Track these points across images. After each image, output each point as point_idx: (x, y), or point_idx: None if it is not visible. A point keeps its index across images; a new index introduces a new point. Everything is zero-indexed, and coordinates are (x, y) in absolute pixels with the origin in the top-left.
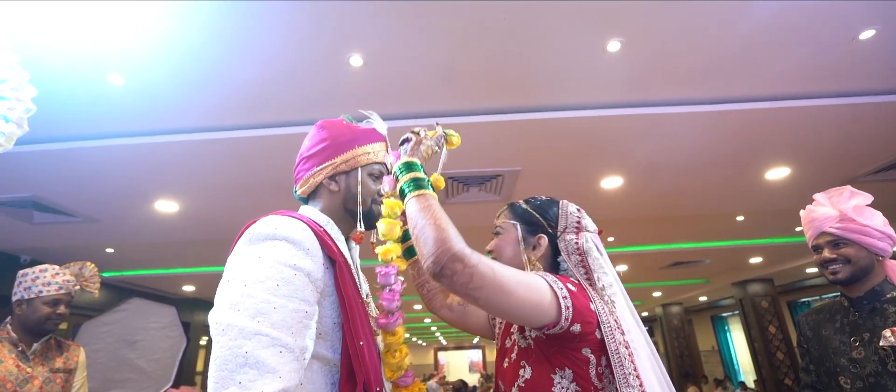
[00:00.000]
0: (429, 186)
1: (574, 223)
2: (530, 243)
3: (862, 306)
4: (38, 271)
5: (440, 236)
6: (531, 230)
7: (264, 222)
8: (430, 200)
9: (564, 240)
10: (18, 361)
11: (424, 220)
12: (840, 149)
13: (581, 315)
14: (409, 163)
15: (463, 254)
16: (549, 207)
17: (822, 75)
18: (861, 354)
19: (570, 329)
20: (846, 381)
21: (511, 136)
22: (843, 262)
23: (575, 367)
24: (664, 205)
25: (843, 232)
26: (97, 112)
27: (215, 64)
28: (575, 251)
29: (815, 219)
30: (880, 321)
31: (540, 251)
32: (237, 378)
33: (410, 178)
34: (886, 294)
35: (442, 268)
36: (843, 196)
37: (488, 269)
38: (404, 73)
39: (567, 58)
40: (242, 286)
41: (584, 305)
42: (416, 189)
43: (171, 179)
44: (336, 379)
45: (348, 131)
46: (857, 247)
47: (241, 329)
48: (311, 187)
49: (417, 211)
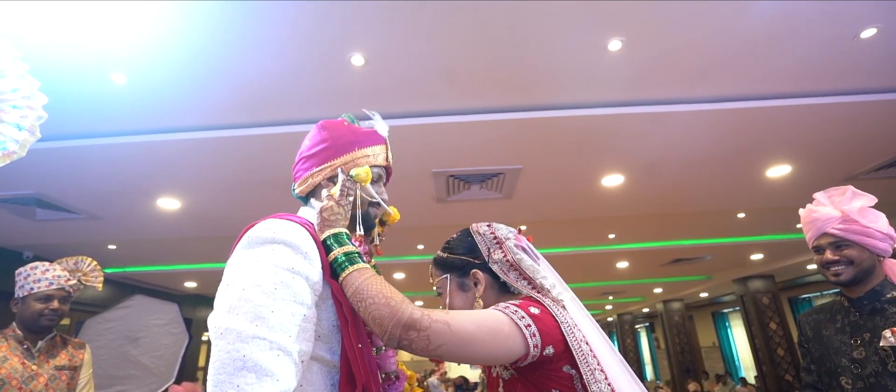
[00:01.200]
0: (360, 259)
1: (492, 241)
2: (469, 285)
3: (862, 306)
4: (29, 269)
5: (385, 312)
6: (462, 272)
7: (263, 226)
8: (364, 276)
9: (494, 261)
10: (24, 359)
11: (365, 302)
12: (841, 147)
13: (550, 336)
14: (335, 235)
15: (412, 321)
16: (463, 241)
17: (824, 73)
18: (862, 355)
19: (544, 354)
20: (847, 382)
21: (512, 135)
22: (846, 263)
23: (560, 387)
24: (665, 202)
25: (846, 233)
26: (99, 111)
27: (217, 63)
28: (509, 267)
29: (817, 219)
30: (881, 321)
31: (482, 286)
32: (235, 381)
33: (342, 253)
34: (886, 294)
35: (398, 341)
36: (845, 196)
37: (444, 326)
38: (406, 72)
39: (568, 57)
40: (241, 290)
41: (551, 326)
42: (349, 265)
43: (174, 177)
44: (335, 380)
45: (349, 133)
46: (859, 248)
47: (240, 333)
48: (309, 187)
49: (354, 293)
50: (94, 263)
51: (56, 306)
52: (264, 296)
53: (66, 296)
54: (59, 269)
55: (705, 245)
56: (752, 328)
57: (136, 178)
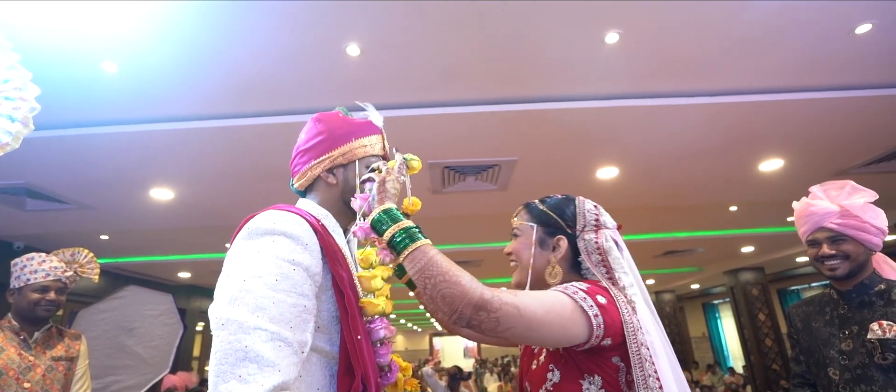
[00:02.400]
0: (421, 235)
1: (592, 221)
2: (549, 245)
3: (851, 299)
4: (25, 260)
5: (456, 291)
6: (550, 232)
7: (263, 217)
8: (431, 253)
9: (584, 239)
10: (20, 350)
11: (434, 279)
12: (834, 141)
13: (612, 329)
14: (388, 211)
15: (483, 301)
16: (566, 206)
17: (819, 69)
18: (849, 346)
19: (602, 344)
20: (835, 373)
21: (508, 127)
22: (842, 258)
23: (604, 375)
24: (659, 195)
25: (844, 228)
26: (90, 100)
27: (210, 52)
28: (595, 250)
29: (815, 213)
30: (868, 314)
31: (559, 253)
32: (237, 372)
33: (400, 230)
34: (874, 287)
35: (468, 321)
36: (844, 191)
37: (513, 309)
38: (402, 62)
39: (566, 49)
40: (242, 281)
41: (615, 319)
42: (410, 242)
43: (166, 167)
44: (334, 370)
45: (345, 124)
46: (856, 243)
47: (241, 324)
48: (308, 180)
49: (421, 269)
50: (91, 255)
51: (53, 297)
52: (265, 287)
53: (62, 287)
54: (56, 261)
55: (698, 237)
56: (741, 319)
57: (128, 168)
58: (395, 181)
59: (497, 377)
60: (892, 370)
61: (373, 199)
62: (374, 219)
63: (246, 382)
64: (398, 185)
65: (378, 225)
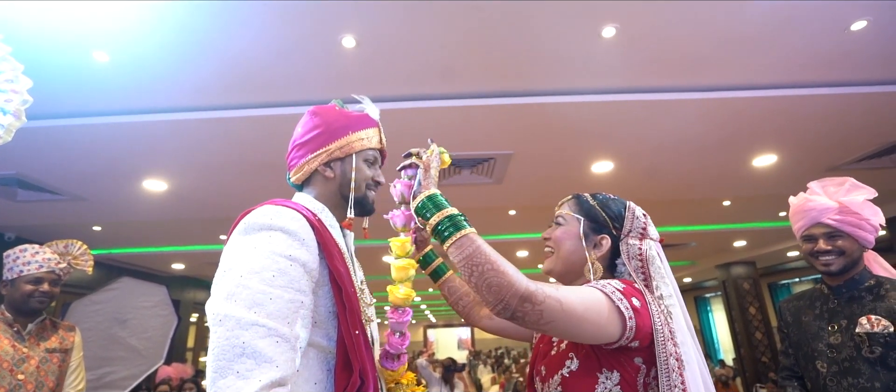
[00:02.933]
0: (466, 224)
1: (640, 228)
2: (592, 241)
3: (841, 294)
4: (18, 252)
5: (504, 281)
6: (595, 228)
7: (260, 212)
8: (477, 241)
9: (627, 244)
10: (14, 342)
11: (481, 267)
12: (827, 137)
13: (642, 332)
14: (432, 197)
15: (529, 293)
16: (616, 207)
17: (814, 65)
18: (838, 340)
19: (630, 345)
20: (823, 365)
21: (504, 120)
22: (837, 253)
23: (623, 372)
24: (654, 189)
25: (841, 224)
26: (81, 89)
27: (203, 42)
28: (636, 256)
29: (813, 208)
30: (857, 309)
31: (600, 251)
32: (235, 367)
33: (445, 217)
34: (864, 283)
35: (513, 312)
36: (842, 188)
37: (556, 304)
38: (397, 55)
39: (562, 42)
40: (238, 277)
41: (646, 323)
42: (456, 230)
43: (159, 159)
44: (332, 365)
45: (341, 117)
46: (851, 239)
47: (238, 320)
48: (305, 174)
49: (467, 257)
50: (85, 247)
51: (46, 289)
52: (262, 283)
53: (56, 279)
54: (50, 252)
55: (691, 232)
56: (732, 312)
57: (120, 159)
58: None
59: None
60: (879, 363)
61: (418, 186)
62: (419, 205)
63: (244, 378)
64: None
65: (423, 211)
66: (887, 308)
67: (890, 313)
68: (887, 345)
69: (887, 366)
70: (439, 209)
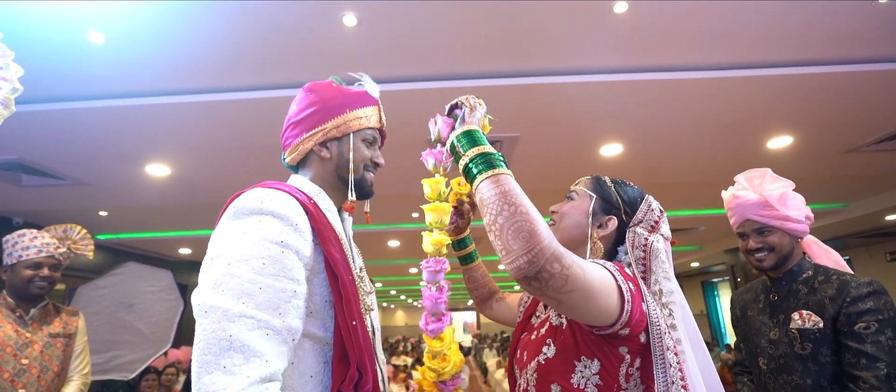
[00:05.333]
0: (503, 164)
1: (652, 221)
2: (599, 220)
3: (781, 287)
4: (17, 236)
5: (534, 230)
6: (605, 209)
7: (249, 195)
8: (510, 183)
9: (635, 232)
10: (17, 327)
11: (513, 209)
12: (845, 117)
13: (634, 319)
14: (470, 132)
15: (560, 253)
16: (631, 193)
17: (837, 41)
18: (776, 336)
19: (620, 332)
20: (764, 362)
21: (510, 102)
22: (768, 250)
23: (605, 361)
24: (664, 172)
25: (768, 219)
26: (78, 72)
27: (200, 22)
28: (641, 247)
29: (741, 205)
30: (794, 303)
31: (605, 231)
32: (222, 362)
33: (478, 154)
34: (803, 274)
35: (539, 269)
36: (765, 180)
37: (581, 272)
38: (400, 33)
39: (572, 19)
40: (226, 265)
41: (639, 308)
42: (488, 169)
43: (161, 143)
44: (328, 357)
45: (339, 95)
46: (780, 233)
47: (225, 311)
48: (300, 154)
49: (495, 197)
50: (84, 231)
51: (46, 274)
52: (251, 271)
53: (56, 263)
54: (48, 237)
55: (700, 216)
56: None
57: (121, 143)
58: (482, 118)
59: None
60: (811, 359)
61: (461, 121)
62: (455, 140)
63: (231, 373)
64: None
65: (457, 146)
66: (818, 302)
67: (820, 308)
68: (817, 341)
69: (818, 362)
70: (474, 145)
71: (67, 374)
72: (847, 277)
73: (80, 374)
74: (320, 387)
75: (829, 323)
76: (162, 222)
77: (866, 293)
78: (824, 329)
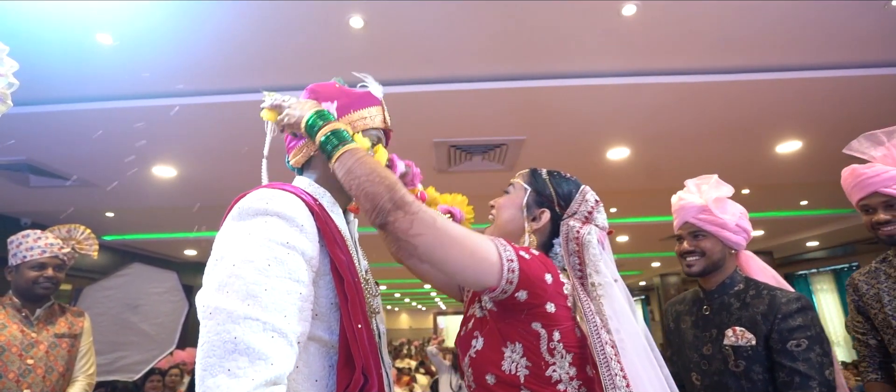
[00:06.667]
0: (350, 138)
1: (585, 212)
2: (532, 213)
3: (713, 300)
4: (21, 237)
5: (381, 188)
6: (539, 201)
7: (254, 196)
8: (360, 152)
9: (568, 225)
10: (23, 327)
11: (363, 176)
12: (855, 122)
13: (530, 282)
14: (321, 112)
15: (404, 201)
16: (566, 186)
17: (847, 44)
18: (709, 351)
19: (515, 295)
20: (697, 378)
21: (517, 104)
22: (699, 254)
23: (525, 342)
24: (671, 176)
25: (704, 223)
26: (86, 74)
27: (208, 24)
28: (574, 239)
29: (682, 207)
30: (726, 318)
31: (537, 225)
32: (226, 365)
33: (330, 131)
34: (734, 287)
35: (386, 216)
36: (710, 184)
37: (430, 219)
38: (407, 36)
39: (580, 21)
40: (231, 266)
41: (537, 275)
42: (341, 144)
43: (168, 144)
44: (334, 361)
45: (342, 95)
46: (714, 240)
47: (230, 313)
48: (305, 157)
49: (350, 169)
50: (88, 231)
51: (51, 274)
52: (257, 272)
53: (60, 264)
54: (52, 237)
55: None
56: None
57: (127, 144)
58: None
59: None
60: (744, 377)
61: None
62: (310, 118)
63: (235, 377)
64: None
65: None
66: (750, 318)
67: (753, 324)
68: (750, 358)
69: (750, 379)
70: (326, 120)
71: (72, 375)
72: (776, 292)
73: (85, 375)
74: (325, 391)
75: (762, 340)
76: (168, 224)
77: (795, 309)
78: (757, 346)
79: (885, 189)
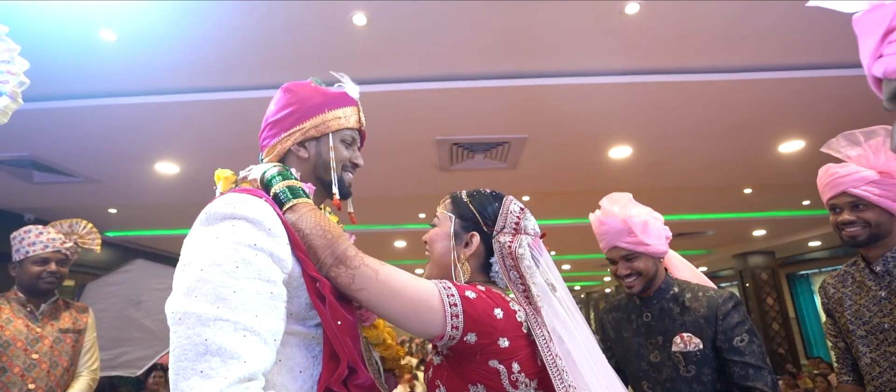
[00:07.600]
0: (304, 193)
1: (512, 224)
2: (462, 240)
3: (652, 306)
4: (23, 233)
5: (321, 243)
6: (465, 226)
7: (221, 201)
8: (307, 207)
9: (499, 241)
10: (28, 322)
11: (306, 229)
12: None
13: (477, 323)
14: (282, 173)
15: (345, 256)
16: (488, 203)
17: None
18: (657, 358)
19: (465, 339)
20: (648, 386)
21: (519, 103)
22: (636, 275)
23: (486, 381)
24: (673, 176)
25: (633, 246)
26: (89, 70)
27: (211, 21)
28: (508, 255)
29: (607, 232)
30: (669, 324)
31: (470, 250)
32: (198, 367)
33: (286, 187)
34: (669, 291)
35: (328, 270)
36: (628, 206)
37: (371, 273)
38: (410, 33)
39: (583, 19)
40: (199, 270)
41: (484, 313)
42: (294, 197)
43: (170, 141)
44: (317, 352)
45: (317, 94)
46: (645, 258)
47: (199, 316)
48: (278, 155)
49: (294, 222)
50: (90, 226)
51: (53, 269)
52: (225, 275)
53: (63, 259)
54: (54, 232)
55: (708, 220)
56: (749, 303)
57: (130, 141)
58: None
59: None
60: (696, 381)
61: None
62: (272, 176)
63: (208, 377)
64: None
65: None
66: (694, 322)
67: (698, 328)
68: (700, 362)
69: (701, 382)
70: (285, 179)
71: (76, 370)
72: (711, 293)
73: (89, 370)
74: (310, 381)
75: (709, 343)
76: (171, 220)
77: (732, 307)
78: (705, 350)
79: (854, 190)
